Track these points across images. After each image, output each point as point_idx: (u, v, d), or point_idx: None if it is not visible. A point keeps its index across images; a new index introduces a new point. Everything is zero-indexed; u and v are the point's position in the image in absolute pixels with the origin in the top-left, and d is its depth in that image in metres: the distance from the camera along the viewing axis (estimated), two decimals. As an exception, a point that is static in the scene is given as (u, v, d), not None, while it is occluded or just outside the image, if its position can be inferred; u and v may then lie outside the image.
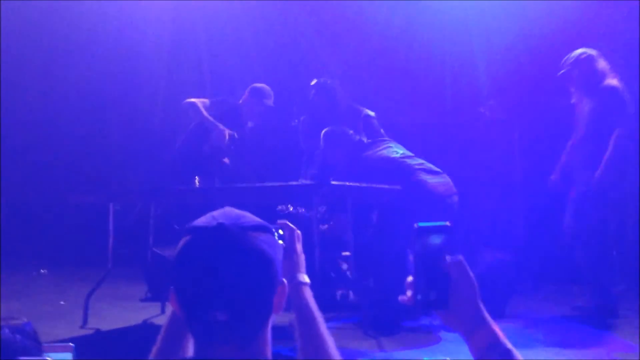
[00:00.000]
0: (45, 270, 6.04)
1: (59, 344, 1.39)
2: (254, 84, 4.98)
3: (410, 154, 4.23)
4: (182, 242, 1.17)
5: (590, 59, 4.17)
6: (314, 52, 6.23)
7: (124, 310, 4.52)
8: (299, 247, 1.51)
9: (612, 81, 4.11)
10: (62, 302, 4.78)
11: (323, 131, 4.29)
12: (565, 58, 4.26)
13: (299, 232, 1.51)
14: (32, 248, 6.55)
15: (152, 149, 6.07)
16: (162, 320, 4.20)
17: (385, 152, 4.16)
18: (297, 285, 1.46)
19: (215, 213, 1.19)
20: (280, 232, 1.47)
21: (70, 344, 1.39)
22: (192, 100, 4.72)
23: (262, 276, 1.15)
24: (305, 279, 1.48)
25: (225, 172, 4.59)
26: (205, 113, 4.69)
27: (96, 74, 6.96)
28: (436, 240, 1.04)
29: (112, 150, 6.95)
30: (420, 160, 4.17)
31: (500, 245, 4.83)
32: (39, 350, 1.27)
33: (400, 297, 1.06)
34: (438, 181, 4.06)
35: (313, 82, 4.75)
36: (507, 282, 4.31)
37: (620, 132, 3.99)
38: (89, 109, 7.03)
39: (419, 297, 1.04)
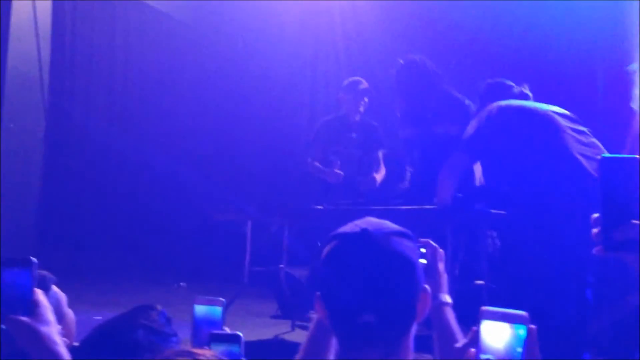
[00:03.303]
0: (185, 284, 6.36)
1: (211, 298, 1.45)
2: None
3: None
4: (327, 248, 1.21)
5: None
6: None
7: (256, 326, 4.67)
8: (441, 266, 1.50)
9: None
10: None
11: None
12: None
13: (441, 250, 1.50)
14: (174, 262, 6.93)
15: (291, 168, 6.20)
16: (292, 337, 4.33)
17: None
18: (440, 305, 1.45)
19: (358, 222, 1.22)
20: (423, 250, 1.46)
21: (221, 298, 1.45)
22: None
23: (405, 279, 1.17)
24: (448, 299, 1.48)
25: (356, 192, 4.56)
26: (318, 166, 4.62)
27: (234, 93, 7.33)
28: (625, 174, 0.92)
29: (254, 169, 7.25)
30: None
31: None
32: (171, 342, 1.35)
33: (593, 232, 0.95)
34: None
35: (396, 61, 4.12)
36: None
37: None
38: (230, 126, 7.39)
39: (608, 237, 0.93)
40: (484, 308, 0.99)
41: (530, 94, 3.57)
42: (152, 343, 1.30)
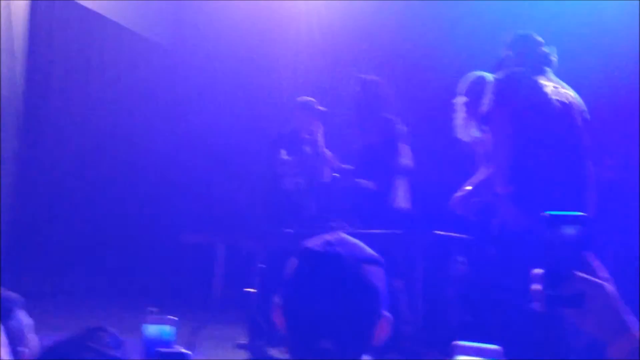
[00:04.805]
0: (155, 309, 6.27)
1: (161, 316, 1.43)
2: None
3: None
4: (295, 263, 1.20)
5: None
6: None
7: (227, 351, 4.62)
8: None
9: None
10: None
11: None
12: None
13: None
14: (145, 285, 6.84)
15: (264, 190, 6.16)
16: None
17: None
18: None
19: (330, 238, 1.21)
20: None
21: (174, 317, 1.43)
22: None
23: (369, 310, 1.17)
24: None
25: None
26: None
27: (208, 114, 7.33)
28: (570, 231, 0.94)
29: (227, 190, 7.21)
30: None
31: None
32: None
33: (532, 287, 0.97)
34: None
35: (358, 77, 4.41)
36: None
37: None
38: (205, 146, 7.37)
39: (549, 292, 0.95)
40: (457, 343, 1.00)
41: (554, 58, 3.46)
42: None
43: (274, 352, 4.43)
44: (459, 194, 3.53)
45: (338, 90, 5.41)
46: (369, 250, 1.22)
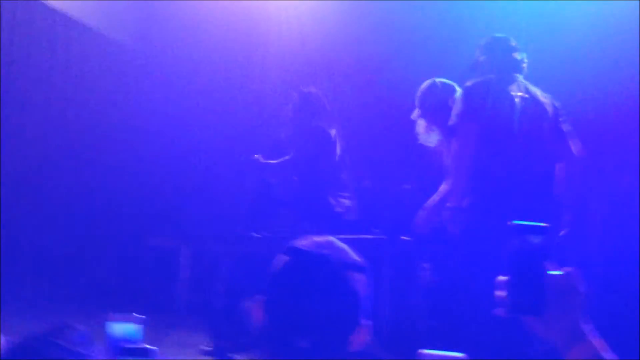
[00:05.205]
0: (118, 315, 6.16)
1: (126, 315, 1.42)
2: None
3: None
4: (283, 260, 1.21)
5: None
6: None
7: (191, 356, 4.57)
8: None
9: None
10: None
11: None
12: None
13: None
14: (104, 290, 6.72)
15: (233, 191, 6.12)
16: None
17: None
18: None
19: (320, 240, 1.23)
20: None
21: (140, 315, 1.41)
22: None
23: (347, 316, 1.19)
24: None
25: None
26: None
27: (173, 117, 7.28)
28: (533, 240, 0.99)
29: (191, 194, 7.14)
30: None
31: None
32: None
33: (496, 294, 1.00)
34: None
35: (297, 89, 4.56)
36: None
37: None
38: (173, 147, 7.30)
39: (510, 299, 0.98)
40: (422, 351, 1.01)
41: (524, 64, 3.49)
42: None
43: (237, 356, 4.41)
44: (421, 213, 3.56)
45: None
46: (355, 256, 1.23)
